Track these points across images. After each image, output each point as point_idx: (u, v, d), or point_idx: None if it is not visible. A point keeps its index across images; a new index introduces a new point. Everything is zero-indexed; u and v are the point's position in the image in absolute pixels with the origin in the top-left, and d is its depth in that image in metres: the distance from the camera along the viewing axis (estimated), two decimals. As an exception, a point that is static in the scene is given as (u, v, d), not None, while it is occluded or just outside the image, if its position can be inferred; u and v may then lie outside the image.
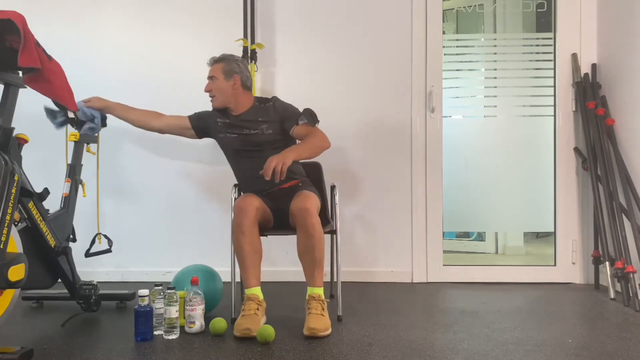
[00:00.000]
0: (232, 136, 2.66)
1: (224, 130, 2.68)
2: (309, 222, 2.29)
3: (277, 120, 2.63)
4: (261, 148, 2.60)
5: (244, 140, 2.62)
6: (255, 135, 2.61)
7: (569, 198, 3.30)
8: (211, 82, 2.68)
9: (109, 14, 3.37)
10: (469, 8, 3.78)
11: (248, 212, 2.32)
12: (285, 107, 2.67)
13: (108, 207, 3.33)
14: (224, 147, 2.72)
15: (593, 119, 3.13)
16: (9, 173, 1.93)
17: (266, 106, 2.68)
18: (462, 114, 3.50)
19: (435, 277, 3.32)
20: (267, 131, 2.62)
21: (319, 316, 2.23)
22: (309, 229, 2.29)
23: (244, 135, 2.63)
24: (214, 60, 2.70)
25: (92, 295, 2.53)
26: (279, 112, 2.64)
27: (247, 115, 2.66)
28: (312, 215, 2.30)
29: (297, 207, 2.32)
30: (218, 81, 2.66)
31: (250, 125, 2.63)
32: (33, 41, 2.08)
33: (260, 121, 2.63)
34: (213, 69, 2.68)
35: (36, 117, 2.95)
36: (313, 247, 2.30)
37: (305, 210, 2.29)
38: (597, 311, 2.64)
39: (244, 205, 2.34)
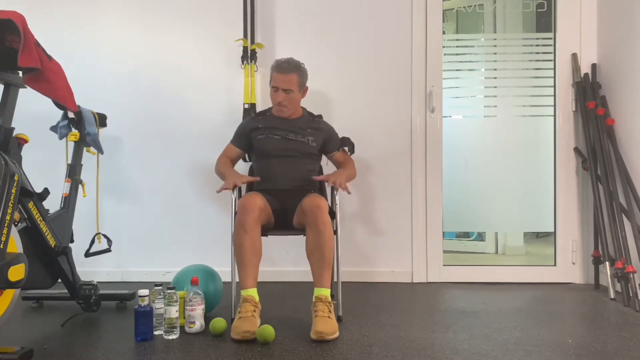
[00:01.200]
0: (275, 137, 2.65)
1: (265, 131, 2.67)
2: (320, 220, 2.30)
3: (322, 138, 2.72)
4: (298, 156, 2.65)
5: (286, 144, 2.64)
6: (300, 143, 2.65)
7: (569, 198, 3.30)
8: (285, 94, 2.60)
9: (108, 14, 3.37)
10: (469, 8, 3.78)
11: (252, 210, 2.32)
12: (330, 130, 2.78)
13: (108, 207, 3.33)
14: (259, 147, 2.68)
15: (593, 119, 3.13)
16: (9, 173, 1.93)
17: (316, 120, 2.75)
18: (462, 114, 3.50)
19: (435, 277, 3.32)
20: (312, 143, 2.68)
21: (326, 319, 2.20)
22: (319, 225, 2.30)
23: (288, 140, 2.64)
24: (288, 68, 2.60)
25: (92, 295, 2.53)
26: (325, 132, 2.74)
27: (299, 123, 2.69)
28: (324, 213, 2.32)
29: (309, 205, 2.34)
30: (294, 94, 2.62)
31: (299, 131, 2.66)
32: (33, 41, 2.08)
33: (309, 132, 2.68)
34: (290, 81, 2.59)
35: (36, 117, 2.95)
36: (323, 245, 2.30)
37: (317, 208, 2.31)
38: (597, 311, 2.64)
39: (248, 204, 2.34)
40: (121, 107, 3.31)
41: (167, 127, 3.36)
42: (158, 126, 3.37)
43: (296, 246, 2.55)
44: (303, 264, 2.43)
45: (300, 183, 2.63)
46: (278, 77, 2.59)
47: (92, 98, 3.04)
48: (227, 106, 3.33)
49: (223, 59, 3.34)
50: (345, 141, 2.79)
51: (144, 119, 3.36)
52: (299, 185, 2.63)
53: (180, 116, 3.36)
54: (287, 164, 2.63)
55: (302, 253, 2.42)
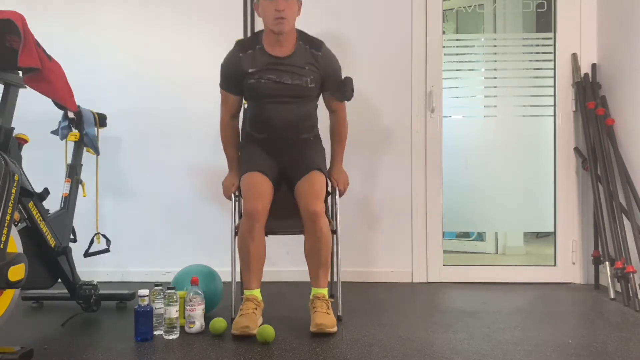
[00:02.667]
0: (267, 83, 2.37)
1: (256, 75, 2.37)
2: (317, 226, 2.29)
3: (321, 75, 2.42)
4: (295, 100, 2.40)
5: (280, 89, 2.37)
6: (296, 86, 2.38)
7: (569, 198, 3.30)
8: (284, 1, 2.28)
9: (108, 14, 3.37)
10: (469, 8, 3.77)
11: (259, 219, 2.29)
12: (333, 66, 2.46)
13: (108, 207, 3.33)
14: (250, 92, 2.43)
15: (593, 119, 3.13)
16: (9, 173, 1.93)
17: (314, 54, 2.40)
18: (462, 114, 3.50)
19: (435, 277, 3.32)
20: (310, 84, 2.39)
21: (324, 314, 2.25)
22: (316, 231, 2.30)
23: (282, 84, 2.36)
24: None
25: (92, 295, 2.53)
26: (327, 69, 2.44)
27: (292, 60, 2.37)
28: (321, 218, 2.30)
29: (305, 210, 2.31)
30: (292, 1, 2.32)
31: (295, 71, 2.36)
32: (33, 41, 2.08)
33: (306, 70, 2.38)
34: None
35: (36, 117, 2.95)
36: (320, 249, 2.32)
37: (314, 214, 2.29)
38: (597, 311, 2.64)
39: (256, 213, 2.27)
40: (121, 107, 3.31)
41: (167, 126, 3.36)
42: (158, 126, 3.36)
43: (296, 246, 2.54)
44: (303, 264, 2.43)
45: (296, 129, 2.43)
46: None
47: (92, 98, 3.04)
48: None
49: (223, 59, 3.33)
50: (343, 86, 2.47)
51: (144, 118, 3.36)
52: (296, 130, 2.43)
53: (180, 116, 3.36)
54: (282, 110, 2.39)
55: (301, 253, 2.42)
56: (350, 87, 2.46)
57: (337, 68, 2.49)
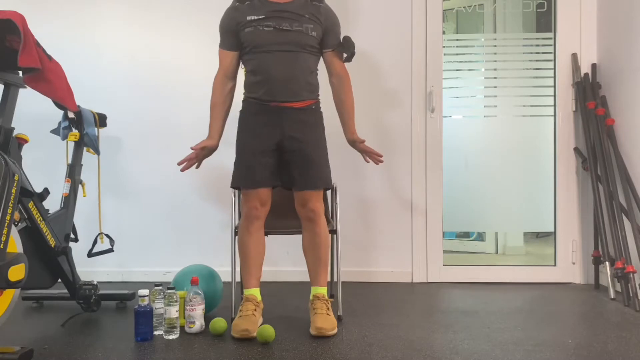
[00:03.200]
0: (265, 30, 2.23)
1: (254, 23, 2.24)
2: (315, 225, 2.32)
3: (322, 27, 2.30)
4: (296, 49, 2.25)
5: (280, 36, 2.23)
6: (297, 33, 2.24)
7: (569, 198, 3.30)
8: None
9: (109, 15, 3.37)
10: (469, 8, 3.77)
11: (258, 216, 2.31)
12: (334, 20, 2.34)
13: (108, 207, 3.33)
14: (248, 42, 2.27)
15: (593, 119, 3.13)
16: (9, 173, 1.93)
17: (316, 5, 2.30)
18: (462, 114, 3.50)
19: (435, 277, 3.32)
20: (311, 32, 2.27)
21: (325, 316, 2.24)
22: (315, 229, 2.33)
23: (282, 30, 2.23)
24: None
25: (92, 295, 2.53)
26: (327, 21, 2.32)
27: (293, 7, 2.26)
28: (319, 217, 2.32)
29: (303, 209, 2.32)
30: None
31: (295, 17, 2.24)
32: (33, 41, 2.08)
33: (307, 18, 2.26)
34: None
35: (36, 117, 2.95)
36: (318, 245, 2.34)
37: (312, 212, 2.31)
38: (597, 311, 2.64)
39: (254, 210, 2.30)
40: (121, 107, 3.31)
41: (167, 126, 3.36)
42: (158, 125, 3.37)
43: (296, 246, 2.54)
44: (303, 264, 2.43)
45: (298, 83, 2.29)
46: None
47: (92, 98, 3.04)
48: (227, 106, 3.33)
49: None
50: (345, 43, 2.36)
51: (145, 118, 3.36)
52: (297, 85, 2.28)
53: (180, 115, 3.36)
54: (282, 59, 2.24)
55: (302, 253, 2.42)
56: (352, 44, 2.35)
57: (338, 24, 2.38)
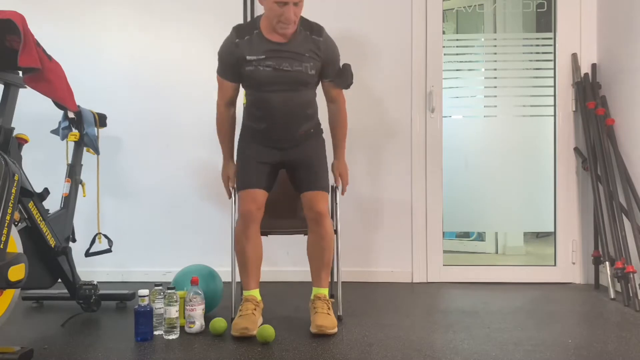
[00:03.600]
0: (265, 70, 2.26)
1: (254, 63, 2.27)
2: (321, 227, 2.31)
3: (321, 61, 2.33)
4: (295, 88, 2.30)
5: (280, 76, 2.27)
6: (296, 73, 2.28)
7: (569, 198, 3.30)
8: (295, 7, 2.19)
9: (109, 14, 3.37)
10: (469, 8, 3.77)
11: (254, 221, 2.30)
12: (333, 53, 2.36)
13: (108, 207, 3.33)
14: (248, 79, 2.32)
15: (593, 119, 3.13)
16: (9, 173, 1.93)
17: (315, 40, 2.31)
18: (462, 114, 3.50)
19: (435, 277, 3.32)
20: (310, 70, 2.30)
21: (325, 315, 2.25)
22: (320, 231, 2.32)
23: (282, 71, 2.26)
24: None
25: (92, 295, 2.53)
26: (327, 54, 2.34)
27: (292, 46, 2.27)
28: (325, 219, 2.31)
29: (310, 210, 2.32)
30: (301, 4, 2.22)
31: (295, 57, 2.27)
32: (33, 41, 2.08)
33: (307, 56, 2.28)
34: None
35: (36, 117, 2.95)
36: (323, 249, 2.33)
37: (319, 214, 2.30)
38: (597, 311, 2.64)
39: (250, 215, 2.30)
40: (121, 107, 3.31)
41: (167, 126, 3.36)
42: (158, 126, 3.37)
43: (296, 246, 2.55)
44: (303, 264, 2.43)
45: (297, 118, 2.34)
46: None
47: (92, 98, 3.04)
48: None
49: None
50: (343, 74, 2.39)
51: (144, 118, 3.36)
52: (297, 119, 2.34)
53: (180, 116, 3.36)
54: (282, 98, 2.29)
55: (302, 253, 2.43)
56: (350, 74, 2.39)
57: (337, 55, 2.40)
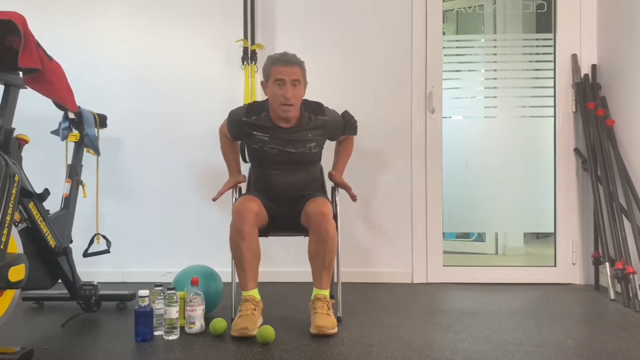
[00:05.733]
0: (271, 151, 2.42)
1: (260, 143, 2.42)
2: (323, 227, 2.29)
3: (325, 137, 2.52)
4: (298, 168, 2.47)
5: (284, 158, 2.43)
6: (300, 154, 2.44)
7: (569, 199, 3.30)
8: (293, 88, 2.31)
9: (109, 15, 3.37)
10: (469, 9, 3.78)
11: (247, 217, 2.30)
12: (334, 123, 2.52)
13: (108, 208, 3.33)
14: (253, 155, 2.50)
15: (593, 120, 3.13)
16: (9, 173, 1.93)
17: (318, 120, 2.45)
18: (462, 115, 3.50)
19: (436, 277, 3.32)
20: (314, 150, 2.46)
21: (325, 315, 2.25)
22: (323, 233, 2.30)
23: (287, 153, 2.42)
24: (292, 60, 2.34)
25: (93, 296, 2.53)
26: (331, 129, 2.52)
27: (297, 130, 2.42)
28: (328, 221, 2.31)
29: (314, 211, 2.32)
30: (300, 87, 2.35)
31: (299, 140, 2.41)
32: (34, 42, 2.08)
33: (309, 138, 2.43)
34: (296, 71, 2.33)
35: (36, 117, 2.95)
36: (324, 251, 2.32)
37: (322, 215, 2.30)
38: (597, 312, 2.64)
39: (243, 211, 2.31)
40: (121, 108, 3.31)
41: (167, 127, 3.37)
42: (158, 126, 3.37)
43: (296, 246, 2.55)
44: (303, 265, 2.43)
45: (300, 191, 2.52)
46: (282, 70, 2.31)
47: (92, 99, 3.03)
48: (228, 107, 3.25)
49: (223, 60, 3.34)
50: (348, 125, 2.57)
51: (144, 119, 3.36)
52: (300, 192, 2.52)
53: (180, 116, 3.36)
54: (285, 175, 2.47)
55: (302, 253, 2.43)
56: (353, 120, 2.59)
57: (341, 123, 2.57)
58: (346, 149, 2.68)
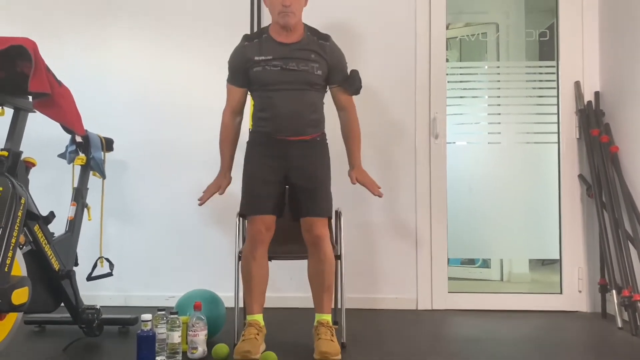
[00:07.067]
0: (272, 69, 2.31)
1: (262, 63, 2.32)
2: (321, 251, 2.32)
3: (327, 65, 2.38)
4: (301, 88, 2.34)
5: (287, 75, 2.32)
6: (303, 73, 2.32)
7: (574, 225, 3.29)
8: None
9: (116, 40, 3.42)
10: (472, 37, 3.82)
11: (263, 240, 2.32)
12: (339, 57, 2.44)
13: (112, 231, 3.33)
14: (256, 79, 2.36)
15: (597, 146, 3.14)
16: (15, 196, 1.94)
17: (322, 43, 2.38)
18: (466, 140, 3.51)
19: (440, 304, 3.29)
20: (317, 71, 2.35)
21: (328, 341, 2.24)
22: (320, 255, 2.33)
23: (289, 70, 2.31)
24: None
25: (95, 320, 2.52)
26: (333, 59, 2.40)
27: (299, 46, 2.34)
28: (325, 243, 2.32)
29: (308, 234, 2.33)
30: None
31: (301, 58, 2.32)
32: (44, 67, 2.12)
33: (312, 58, 2.34)
34: None
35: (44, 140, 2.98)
36: (323, 271, 2.33)
37: (318, 238, 2.31)
38: (605, 340, 2.60)
39: (259, 233, 2.31)
40: (127, 131, 3.33)
41: (172, 151, 3.39)
42: (164, 150, 3.39)
43: (300, 271, 2.53)
44: (307, 290, 2.42)
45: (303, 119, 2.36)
46: None
47: (99, 122, 3.06)
48: (233, 131, 3.36)
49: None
50: (350, 79, 2.44)
51: (150, 142, 3.39)
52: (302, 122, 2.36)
53: (186, 141, 3.39)
54: (288, 97, 2.32)
55: (306, 278, 2.42)
56: (358, 79, 2.43)
57: (344, 60, 2.46)
58: (352, 131, 2.51)
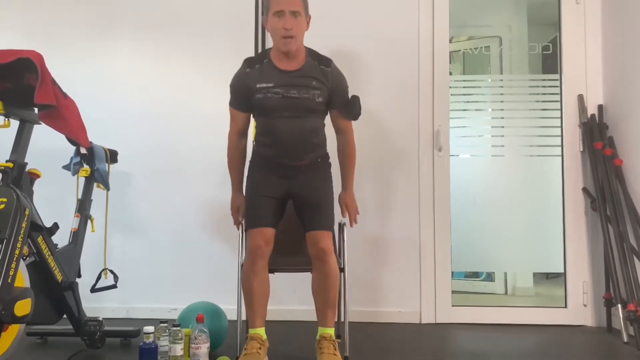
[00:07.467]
0: (274, 97, 2.30)
1: (263, 90, 2.32)
2: (325, 265, 2.31)
3: (328, 90, 2.36)
4: (302, 115, 2.33)
5: (288, 103, 2.31)
6: (304, 100, 2.31)
7: (578, 238, 3.27)
8: (292, 19, 2.24)
9: (121, 52, 3.45)
10: (476, 50, 3.84)
11: (262, 254, 2.31)
12: (340, 83, 2.41)
13: (115, 243, 3.33)
14: (258, 106, 2.36)
15: (601, 160, 3.14)
16: (20, 207, 1.95)
17: (323, 69, 2.36)
18: (469, 153, 3.52)
19: (444, 317, 3.27)
20: (318, 98, 2.33)
21: (331, 355, 2.22)
22: (325, 269, 2.32)
23: (290, 98, 2.30)
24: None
25: (97, 332, 2.51)
26: (334, 84, 2.38)
27: (301, 74, 2.33)
28: (329, 256, 2.31)
29: (314, 247, 2.32)
30: (301, 18, 2.26)
31: (302, 85, 2.31)
32: (50, 79, 2.13)
33: (314, 85, 2.32)
34: (296, 2, 2.25)
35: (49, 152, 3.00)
36: (327, 287, 2.32)
37: (322, 251, 2.30)
38: (611, 355, 2.58)
39: (258, 248, 2.30)
40: (132, 143, 3.35)
41: (176, 163, 3.39)
42: (168, 162, 3.40)
43: (302, 284, 2.53)
44: (310, 303, 2.41)
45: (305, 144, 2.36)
46: (281, 0, 2.24)
47: (104, 134, 3.08)
48: (237, 143, 3.37)
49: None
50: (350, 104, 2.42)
51: (154, 154, 3.40)
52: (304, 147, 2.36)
53: (189, 152, 3.40)
54: (289, 124, 2.31)
55: (308, 291, 2.41)
56: (358, 105, 2.42)
57: (345, 86, 2.46)
58: (348, 156, 2.53)
